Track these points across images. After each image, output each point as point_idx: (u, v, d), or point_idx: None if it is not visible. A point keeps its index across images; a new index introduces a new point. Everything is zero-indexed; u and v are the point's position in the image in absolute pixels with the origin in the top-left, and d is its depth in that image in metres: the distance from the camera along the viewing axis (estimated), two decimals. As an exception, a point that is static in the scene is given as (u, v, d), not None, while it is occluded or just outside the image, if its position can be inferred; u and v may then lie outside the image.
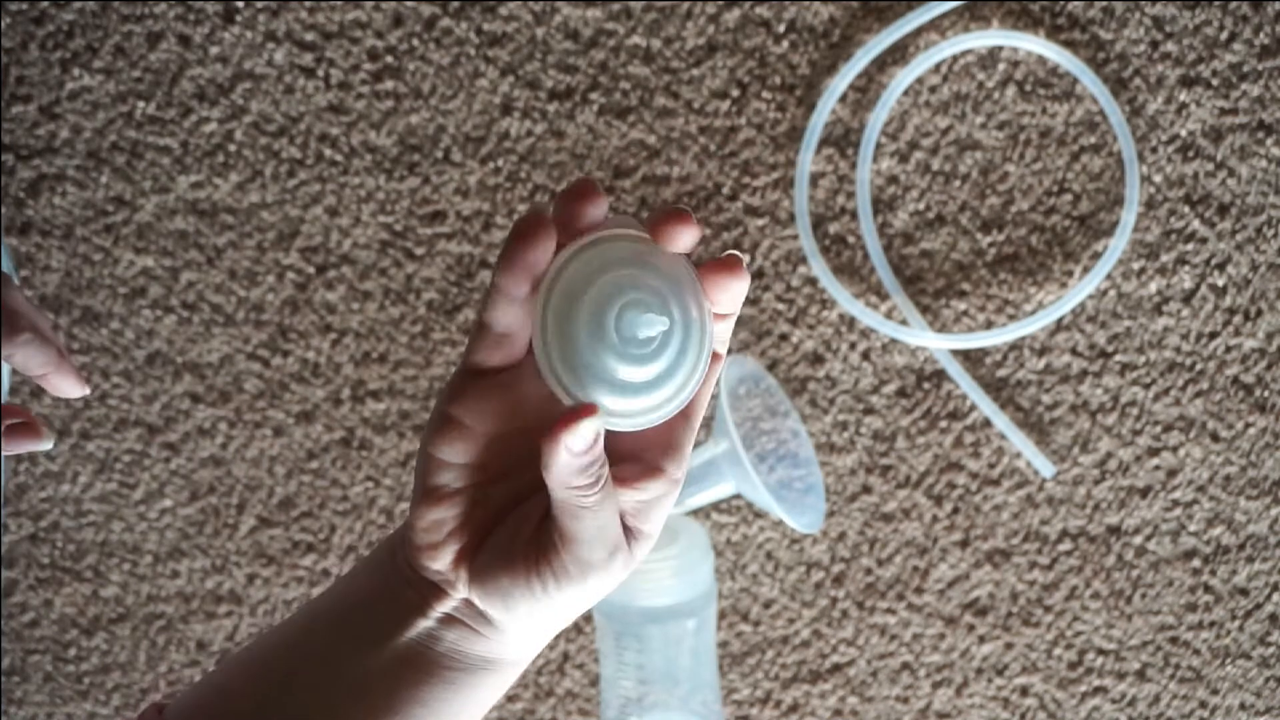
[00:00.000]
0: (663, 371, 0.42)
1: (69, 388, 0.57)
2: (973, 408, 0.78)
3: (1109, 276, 0.76)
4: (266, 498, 0.81)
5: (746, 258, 0.77)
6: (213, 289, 0.79)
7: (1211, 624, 0.80)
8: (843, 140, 0.76)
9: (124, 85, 0.77)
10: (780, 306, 0.77)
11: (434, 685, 0.45)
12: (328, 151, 0.77)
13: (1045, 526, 0.79)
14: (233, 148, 0.77)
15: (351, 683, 0.44)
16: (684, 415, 0.43)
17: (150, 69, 0.76)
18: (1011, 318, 0.77)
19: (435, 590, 0.44)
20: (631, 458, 0.43)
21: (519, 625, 0.44)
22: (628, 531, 0.43)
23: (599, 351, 0.41)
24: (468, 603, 0.44)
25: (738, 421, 0.76)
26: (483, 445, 0.44)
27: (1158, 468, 0.78)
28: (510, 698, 0.83)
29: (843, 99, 0.75)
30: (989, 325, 0.77)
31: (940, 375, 0.78)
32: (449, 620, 0.44)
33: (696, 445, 0.77)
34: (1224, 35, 0.74)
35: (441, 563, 0.44)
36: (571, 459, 0.40)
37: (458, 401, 0.43)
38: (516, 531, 0.44)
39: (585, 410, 0.40)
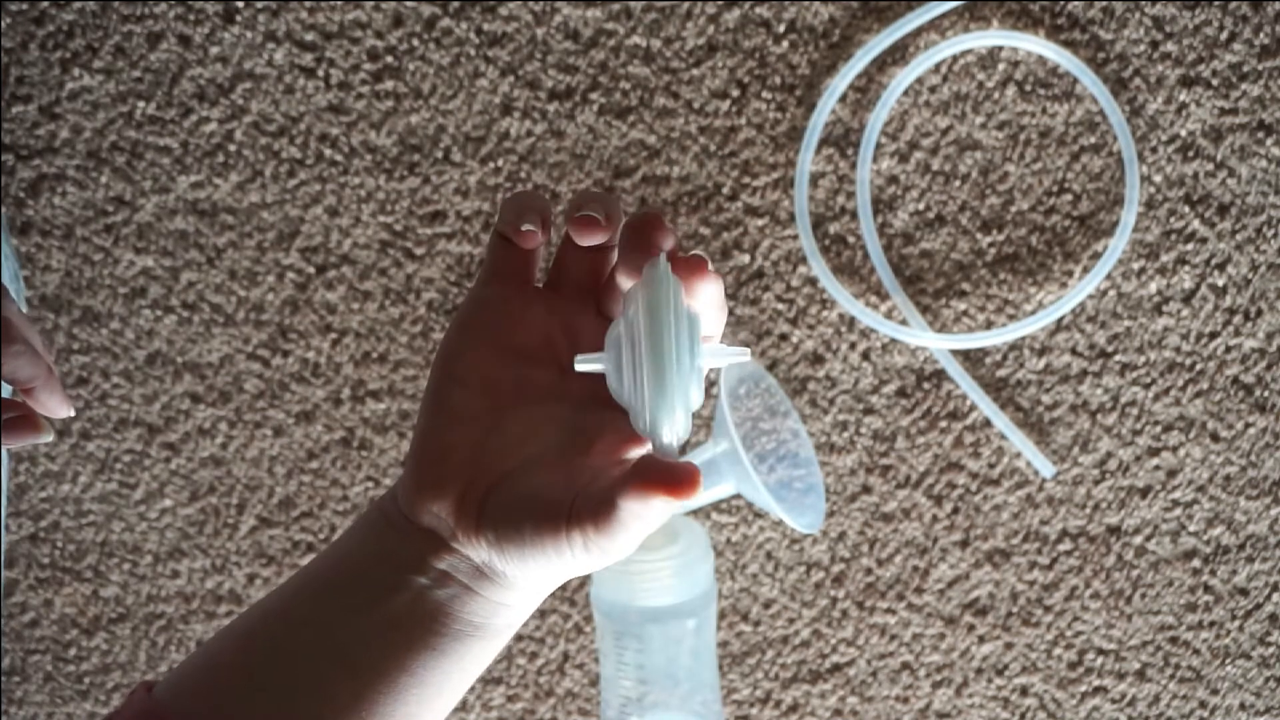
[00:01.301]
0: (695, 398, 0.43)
1: (54, 405, 0.58)
2: (973, 408, 0.78)
3: (1109, 276, 0.76)
4: (266, 498, 0.81)
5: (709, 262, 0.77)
6: (213, 289, 0.79)
7: (1211, 624, 0.80)
8: (843, 140, 0.76)
9: (124, 85, 0.77)
10: (780, 306, 0.77)
11: (422, 653, 0.44)
12: (328, 151, 0.77)
13: (1045, 526, 0.79)
14: (233, 148, 0.77)
15: (339, 651, 0.44)
16: None
17: (150, 69, 0.76)
18: (1011, 318, 0.77)
19: (432, 542, 0.44)
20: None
21: (526, 578, 0.44)
22: None
23: (691, 379, 0.41)
24: (464, 557, 0.44)
25: (738, 421, 0.76)
26: (498, 361, 0.44)
27: (1158, 468, 0.78)
28: (510, 698, 0.83)
29: (843, 99, 0.75)
30: (989, 325, 0.77)
31: (940, 375, 0.78)
32: (444, 578, 0.44)
33: (697, 445, 0.77)
34: (1224, 35, 0.73)
35: (443, 503, 0.43)
36: (664, 508, 0.40)
37: (472, 319, 0.45)
38: (549, 482, 0.43)
39: (691, 479, 0.39)
